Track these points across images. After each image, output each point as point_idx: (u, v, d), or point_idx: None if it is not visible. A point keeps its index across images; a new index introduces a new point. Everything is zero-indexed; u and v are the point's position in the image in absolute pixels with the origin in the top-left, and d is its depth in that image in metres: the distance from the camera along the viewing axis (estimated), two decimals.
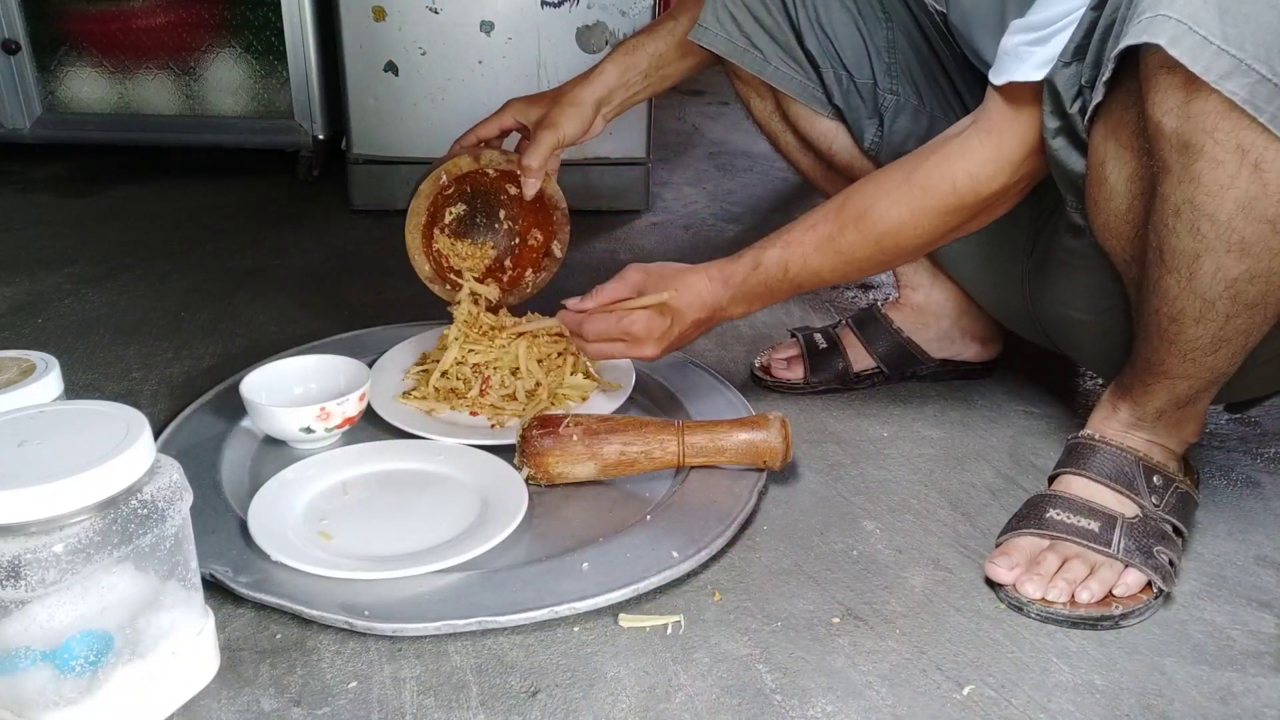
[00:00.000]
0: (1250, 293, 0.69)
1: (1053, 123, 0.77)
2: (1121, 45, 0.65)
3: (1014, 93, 0.79)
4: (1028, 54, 0.76)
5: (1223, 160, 0.63)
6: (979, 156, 0.82)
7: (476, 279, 1.12)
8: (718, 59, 1.08)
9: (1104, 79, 0.70)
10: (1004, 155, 0.82)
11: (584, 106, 1.05)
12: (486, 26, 1.64)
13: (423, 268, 1.09)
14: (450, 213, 1.13)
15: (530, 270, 1.14)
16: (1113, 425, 0.84)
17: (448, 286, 1.11)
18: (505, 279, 1.14)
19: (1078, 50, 0.73)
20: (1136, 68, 0.67)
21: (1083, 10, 0.72)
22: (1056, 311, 0.96)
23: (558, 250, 1.13)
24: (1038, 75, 0.76)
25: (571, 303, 0.96)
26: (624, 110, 1.11)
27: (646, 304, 0.93)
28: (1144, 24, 0.63)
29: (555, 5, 1.63)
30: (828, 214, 0.90)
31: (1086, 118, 0.74)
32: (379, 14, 1.61)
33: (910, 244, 0.88)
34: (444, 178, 1.07)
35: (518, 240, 1.15)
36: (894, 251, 0.89)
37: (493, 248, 1.15)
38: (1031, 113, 0.79)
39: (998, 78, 0.79)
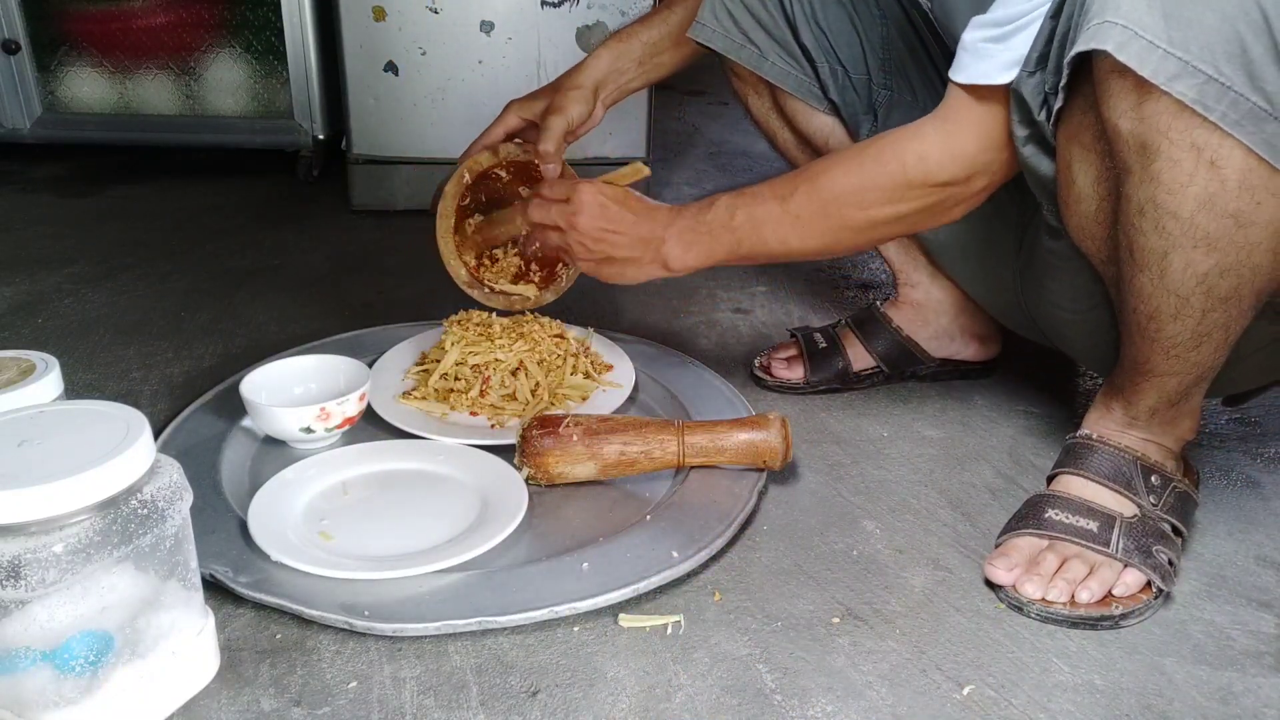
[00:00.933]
0: (1223, 286, 0.69)
1: (1022, 131, 0.78)
2: (1072, 52, 0.67)
3: (973, 90, 0.79)
4: (986, 51, 0.77)
5: (1179, 159, 0.65)
6: (930, 141, 0.82)
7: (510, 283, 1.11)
8: (714, 54, 1.08)
9: (1061, 85, 0.71)
10: (954, 145, 0.81)
11: (584, 89, 1.06)
12: (486, 26, 1.64)
13: (459, 273, 1.08)
14: (469, 225, 1.12)
15: (561, 265, 1.13)
16: (1108, 425, 0.84)
17: (487, 290, 1.10)
18: (538, 278, 1.13)
19: (1040, 59, 0.74)
20: (1090, 74, 0.68)
21: (1041, 9, 0.73)
22: (1045, 310, 0.96)
23: None
24: (1001, 78, 0.76)
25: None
26: (621, 98, 1.11)
27: (610, 177, 0.96)
28: (1092, 30, 0.64)
29: (555, 5, 1.63)
30: (789, 174, 0.91)
31: (1051, 123, 0.75)
32: (379, 14, 1.61)
33: (854, 216, 0.86)
34: (466, 176, 1.07)
35: (538, 244, 1.14)
36: (837, 222, 0.87)
37: (516, 254, 1.14)
38: (987, 111, 0.79)
39: (956, 74, 0.79)
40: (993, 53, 0.76)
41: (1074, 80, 0.71)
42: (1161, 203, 0.67)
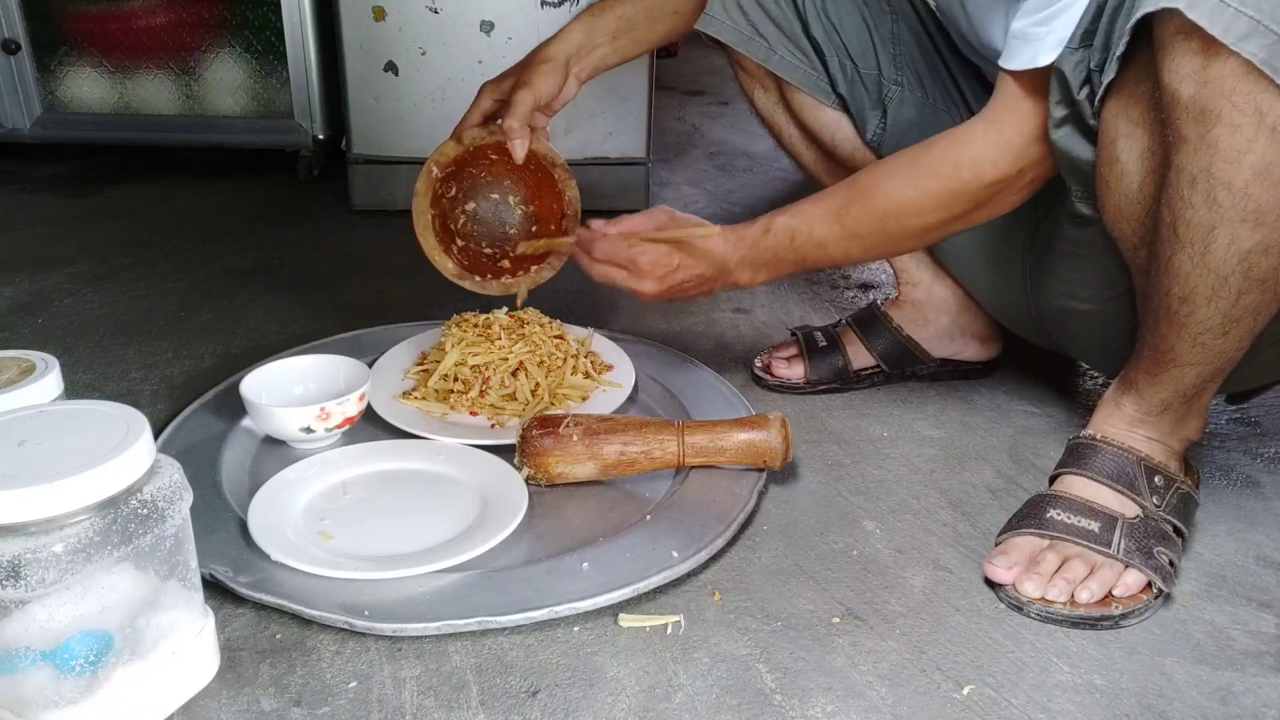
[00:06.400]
0: (1263, 266, 0.69)
1: (1059, 111, 0.78)
2: (1139, 14, 0.66)
3: (1022, 78, 0.80)
4: (1034, 35, 0.77)
5: (1240, 124, 0.64)
6: (981, 143, 0.84)
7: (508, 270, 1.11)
8: (690, 29, 1.07)
9: (1117, 53, 0.70)
10: (1004, 141, 0.83)
11: (555, 63, 1.03)
12: (486, 26, 1.64)
13: (445, 266, 1.07)
14: (462, 215, 1.12)
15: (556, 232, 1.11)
16: (1116, 423, 0.84)
17: (477, 279, 1.09)
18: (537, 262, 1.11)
19: (1085, 35, 0.73)
20: (1147, 43, 0.68)
21: None
22: (1058, 304, 0.96)
23: (569, 208, 1.09)
24: (1047, 59, 0.77)
25: (595, 223, 0.97)
26: (595, 73, 1.08)
27: (666, 237, 0.94)
28: None
29: (555, 5, 1.63)
30: (839, 188, 0.92)
31: (1098, 98, 0.75)
32: (379, 14, 1.61)
33: (912, 225, 0.88)
34: (434, 170, 1.06)
35: (535, 222, 1.13)
36: (896, 233, 0.90)
37: (513, 229, 1.13)
38: (1035, 100, 0.80)
39: (1007, 61, 0.80)
40: (1040, 35, 0.77)
41: (1127, 51, 0.70)
42: (1216, 172, 0.66)
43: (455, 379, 1.02)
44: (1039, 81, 0.79)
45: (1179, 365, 0.78)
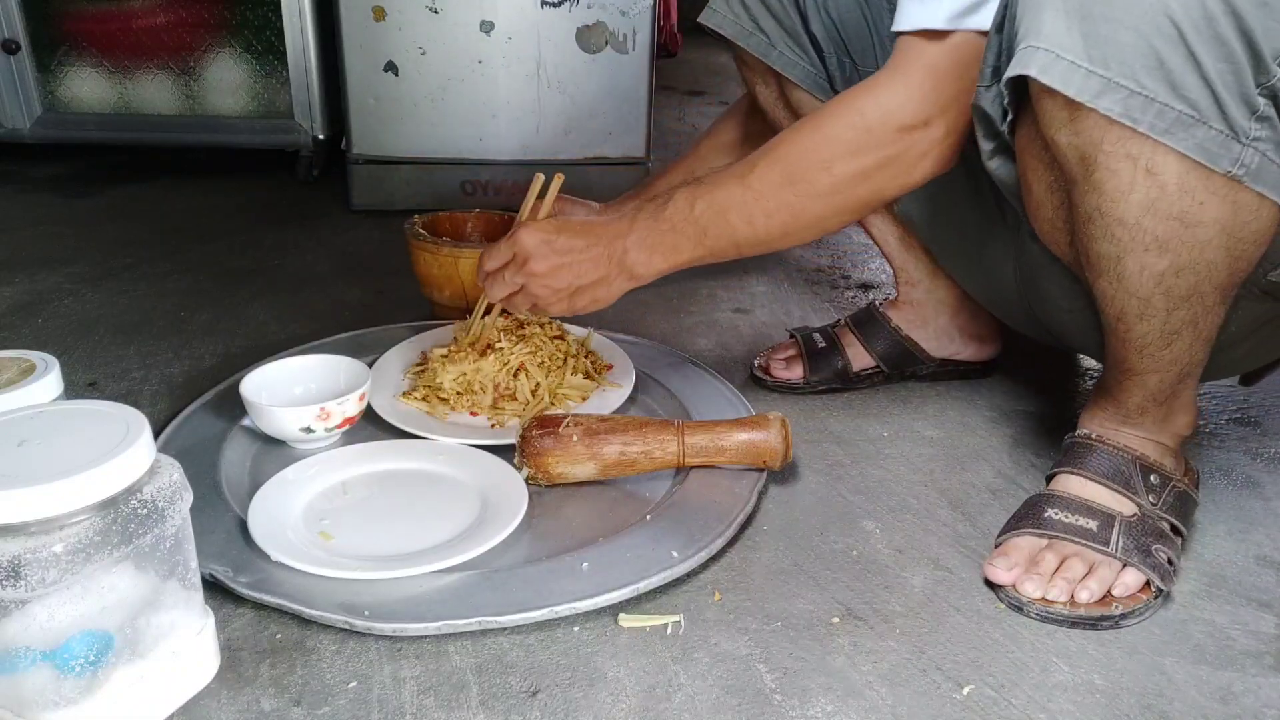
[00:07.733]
0: (1181, 286, 0.70)
1: (988, 144, 0.79)
2: (1005, 76, 0.69)
3: (919, 35, 0.80)
4: None
5: (1117, 169, 0.66)
6: (885, 88, 0.82)
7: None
8: (724, 40, 1.09)
9: (1006, 102, 0.73)
10: (910, 87, 0.81)
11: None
12: (486, 26, 1.64)
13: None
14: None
15: None
16: (1104, 423, 0.84)
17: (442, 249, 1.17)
18: None
19: (994, 73, 0.75)
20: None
21: None
22: (1046, 307, 0.96)
23: None
24: (943, 25, 0.77)
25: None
26: None
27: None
28: (1020, 55, 0.66)
29: (555, 5, 1.63)
30: (749, 156, 0.88)
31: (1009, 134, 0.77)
32: (379, 14, 1.61)
33: (818, 180, 0.83)
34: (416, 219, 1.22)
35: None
36: (803, 188, 0.84)
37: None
38: (937, 50, 0.80)
39: (900, 23, 0.80)
40: None
41: (1020, 96, 0.72)
42: (1107, 211, 0.68)
43: (456, 393, 1.02)
44: (938, 37, 0.79)
45: (1137, 373, 0.79)
